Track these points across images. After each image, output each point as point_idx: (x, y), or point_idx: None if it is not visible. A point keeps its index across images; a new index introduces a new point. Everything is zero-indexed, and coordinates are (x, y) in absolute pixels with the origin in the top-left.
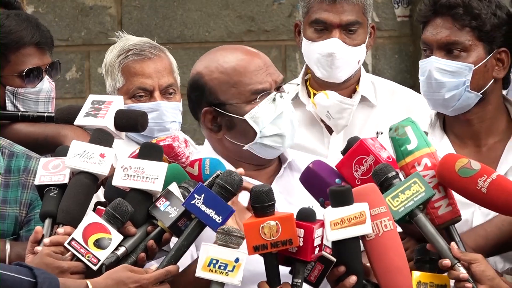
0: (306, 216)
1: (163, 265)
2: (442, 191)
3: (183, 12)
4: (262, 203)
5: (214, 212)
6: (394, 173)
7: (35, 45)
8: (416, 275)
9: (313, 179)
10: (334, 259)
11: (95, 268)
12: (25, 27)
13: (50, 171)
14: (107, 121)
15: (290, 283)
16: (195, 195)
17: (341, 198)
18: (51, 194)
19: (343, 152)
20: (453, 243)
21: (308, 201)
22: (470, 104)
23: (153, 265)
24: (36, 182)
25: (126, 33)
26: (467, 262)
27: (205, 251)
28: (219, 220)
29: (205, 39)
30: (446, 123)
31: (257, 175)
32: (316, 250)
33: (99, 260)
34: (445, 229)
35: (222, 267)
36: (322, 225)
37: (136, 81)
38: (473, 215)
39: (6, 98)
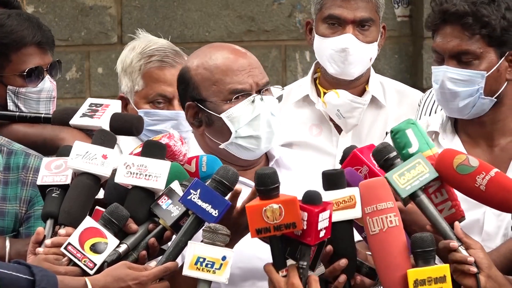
0: (311, 199)
1: (161, 262)
2: (444, 194)
3: (183, 12)
4: (266, 186)
5: (210, 206)
6: (395, 153)
7: (36, 44)
8: (411, 273)
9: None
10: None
11: (91, 272)
12: (27, 26)
13: (52, 171)
14: (102, 122)
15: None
16: (191, 191)
17: (332, 181)
18: (53, 195)
19: (340, 162)
20: (456, 222)
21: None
22: (485, 109)
23: (151, 262)
24: (38, 182)
25: (145, 31)
26: (467, 245)
27: (192, 249)
28: (215, 213)
29: (205, 39)
30: (458, 123)
31: (244, 173)
32: (322, 233)
33: (95, 265)
34: None
35: (209, 265)
36: (327, 208)
37: (157, 87)
38: (485, 215)
39: (7, 98)
